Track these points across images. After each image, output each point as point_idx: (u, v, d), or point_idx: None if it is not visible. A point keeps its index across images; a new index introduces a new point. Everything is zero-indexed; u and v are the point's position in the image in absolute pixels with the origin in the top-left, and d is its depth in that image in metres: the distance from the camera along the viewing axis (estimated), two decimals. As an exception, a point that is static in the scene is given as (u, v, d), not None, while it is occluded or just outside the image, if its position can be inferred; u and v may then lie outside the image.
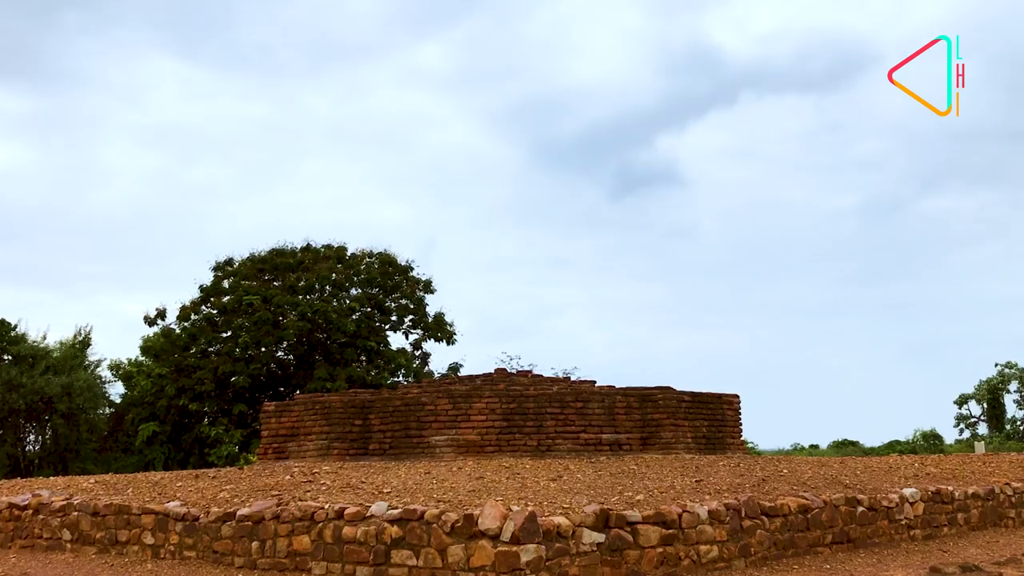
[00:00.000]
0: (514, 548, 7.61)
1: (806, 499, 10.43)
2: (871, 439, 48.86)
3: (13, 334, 34.41)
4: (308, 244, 36.08)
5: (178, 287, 79.70)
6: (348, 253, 36.25)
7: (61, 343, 36.54)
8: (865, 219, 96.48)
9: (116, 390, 37.14)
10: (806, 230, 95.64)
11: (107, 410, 36.38)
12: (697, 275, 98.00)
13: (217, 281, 35.04)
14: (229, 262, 35.60)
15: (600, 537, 8.23)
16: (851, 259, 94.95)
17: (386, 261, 36.19)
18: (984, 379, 49.95)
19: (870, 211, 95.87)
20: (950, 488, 12.58)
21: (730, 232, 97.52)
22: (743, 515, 9.61)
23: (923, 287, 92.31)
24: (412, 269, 36.72)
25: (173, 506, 10.73)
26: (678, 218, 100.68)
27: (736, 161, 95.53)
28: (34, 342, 35.26)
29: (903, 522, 11.50)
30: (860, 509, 10.96)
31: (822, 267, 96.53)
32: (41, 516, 12.00)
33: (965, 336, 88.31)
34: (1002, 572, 8.71)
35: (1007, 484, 13.79)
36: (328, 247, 36.09)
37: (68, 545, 11.54)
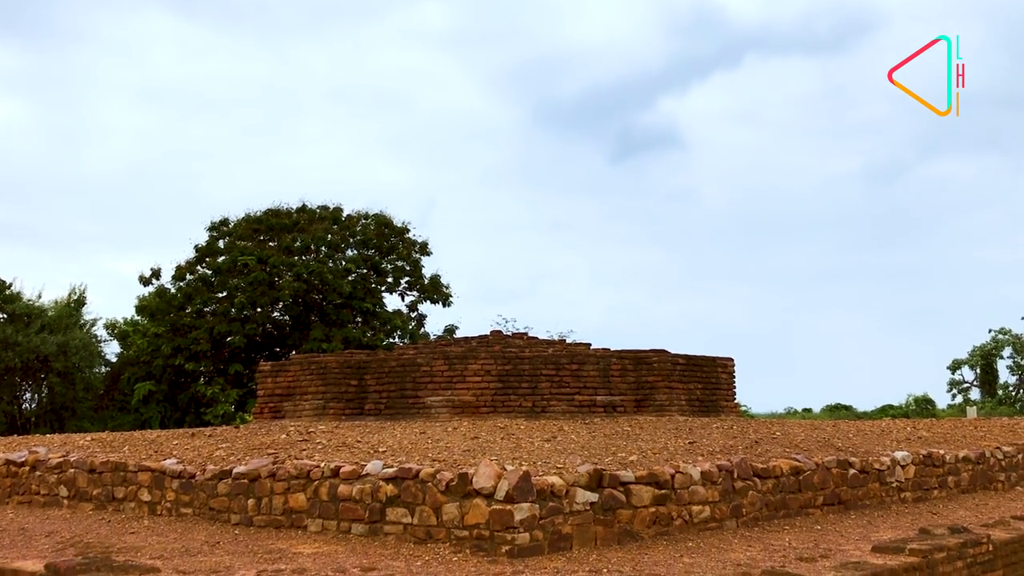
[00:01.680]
0: (508, 507, 7.67)
1: (798, 461, 10.52)
2: (864, 404, 49.19)
3: (8, 292, 34.40)
4: (304, 205, 35.99)
5: (173, 247, 79.60)
6: (344, 214, 36.17)
7: (56, 302, 36.57)
8: (866, 185, 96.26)
9: (112, 349, 37.28)
10: (806, 195, 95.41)
11: (103, 369, 36.49)
12: (696, 240, 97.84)
13: (212, 241, 34.99)
14: (224, 222, 35.51)
15: (593, 497, 8.29)
16: (851, 225, 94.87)
17: (382, 222, 36.12)
18: (978, 345, 50.22)
19: (871, 177, 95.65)
20: (941, 452, 12.68)
21: (730, 197, 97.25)
22: (735, 476, 9.68)
23: (921, 253, 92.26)
24: (408, 231, 36.69)
25: (169, 464, 10.79)
26: (678, 182, 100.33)
27: (738, 124, 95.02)
28: (29, 301, 35.26)
29: (894, 485, 11.61)
30: (852, 472, 11.06)
31: (821, 233, 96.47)
32: (38, 473, 12.07)
33: (961, 302, 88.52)
34: (990, 534, 8.81)
35: (997, 448, 13.91)
36: (324, 208, 36.00)
37: (65, 501, 11.61)
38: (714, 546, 8.38)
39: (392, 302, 36.97)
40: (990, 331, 50.41)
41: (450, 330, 35.70)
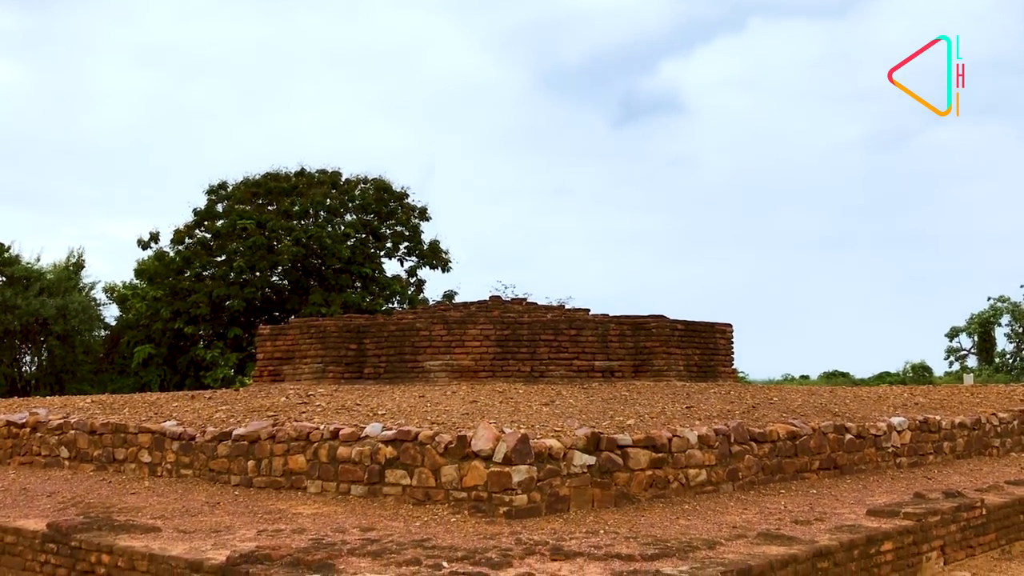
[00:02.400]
0: (506, 469, 7.72)
1: (795, 426, 10.58)
2: (862, 371, 49.33)
3: (6, 255, 34.37)
4: (302, 168, 35.86)
5: (172, 210, 79.05)
6: (343, 178, 36.05)
7: (55, 265, 36.55)
8: (868, 151, 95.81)
9: (111, 313, 37.32)
10: (808, 162, 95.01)
11: (102, 332, 36.55)
12: (697, 206, 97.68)
13: (211, 204, 34.90)
14: (223, 185, 35.40)
15: (591, 459, 8.35)
16: (852, 192, 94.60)
17: (381, 187, 36.01)
18: (976, 313, 50.28)
19: (873, 143, 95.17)
20: (937, 418, 12.75)
21: (732, 162, 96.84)
22: (732, 440, 9.75)
23: (922, 220, 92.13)
24: (407, 195, 36.59)
25: (169, 425, 10.85)
26: (680, 147, 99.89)
27: (741, 90, 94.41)
28: (28, 264, 35.24)
29: (890, 450, 11.69)
30: (848, 437, 11.12)
31: (822, 200, 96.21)
32: (39, 434, 12.14)
33: (960, 270, 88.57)
34: (984, 498, 8.88)
35: (993, 414, 13.99)
36: (322, 172, 35.87)
37: (66, 462, 11.69)
38: (710, 509, 8.45)
39: (391, 267, 36.99)
40: (989, 299, 50.49)
41: (449, 296, 35.72)
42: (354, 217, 35.62)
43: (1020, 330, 49.47)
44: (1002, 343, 50.29)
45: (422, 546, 6.53)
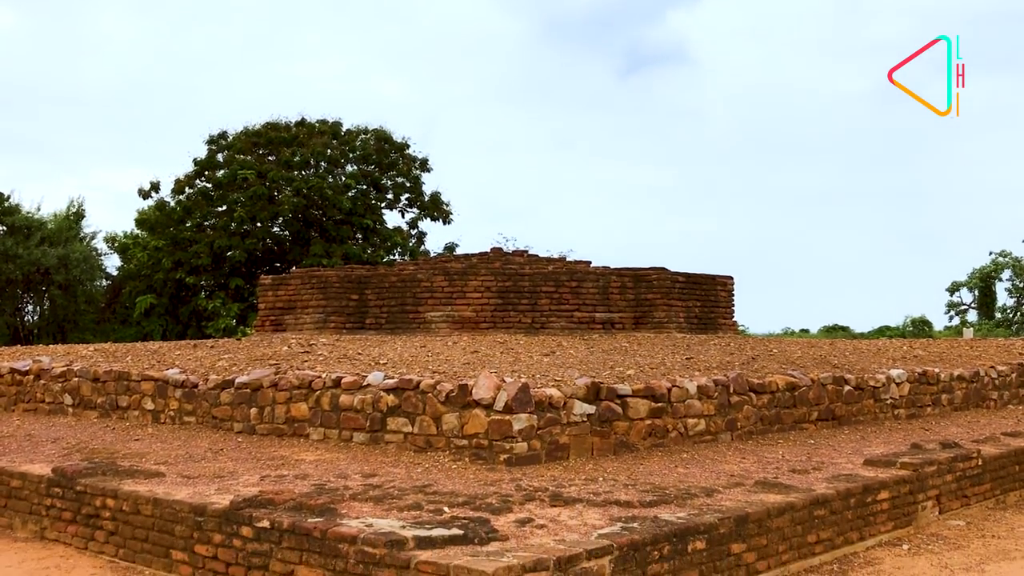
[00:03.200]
0: (507, 417, 7.79)
1: (794, 377, 10.64)
2: (861, 326, 49.43)
3: (7, 205, 34.29)
4: (303, 119, 35.62)
5: (172, 160, 78.79)
6: (343, 129, 35.82)
7: (55, 215, 36.47)
8: (875, 105, 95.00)
9: (112, 263, 37.32)
10: (814, 115, 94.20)
11: (104, 282, 36.59)
12: (701, 159, 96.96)
13: (211, 154, 34.73)
14: (223, 135, 35.20)
15: (591, 409, 8.42)
16: (857, 145, 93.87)
17: (382, 138, 35.80)
18: (977, 267, 50.22)
19: (881, 97, 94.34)
20: (936, 370, 12.81)
21: (737, 115, 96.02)
22: (731, 391, 9.81)
23: (928, 175, 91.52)
24: (408, 146, 36.38)
25: (172, 373, 10.91)
26: (685, 99, 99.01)
27: (748, 41, 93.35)
28: (28, 213, 35.18)
29: (888, 402, 11.76)
30: (847, 388, 11.19)
31: (827, 153, 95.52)
32: (42, 381, 12.22)
33: (964, 225, 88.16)
34: (980, 449, 8.95)
35: (992, 367, 14.05)
36: (323, 122, 35.64)
37: (70, 409, 11.78)
38: (708, 458, 8.53)
39: (392, 219, 36.91)
40: (990, 253, 50.35)
41: (450, 248, 35.69)
42: (355, 168, 35.46)
43: (1021, 285, 49.45)
44: (1003, 298, 50.29)
45: (423, 492, 6.60)
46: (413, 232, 36.97)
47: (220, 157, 34.58)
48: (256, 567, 5.66)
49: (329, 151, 34.73)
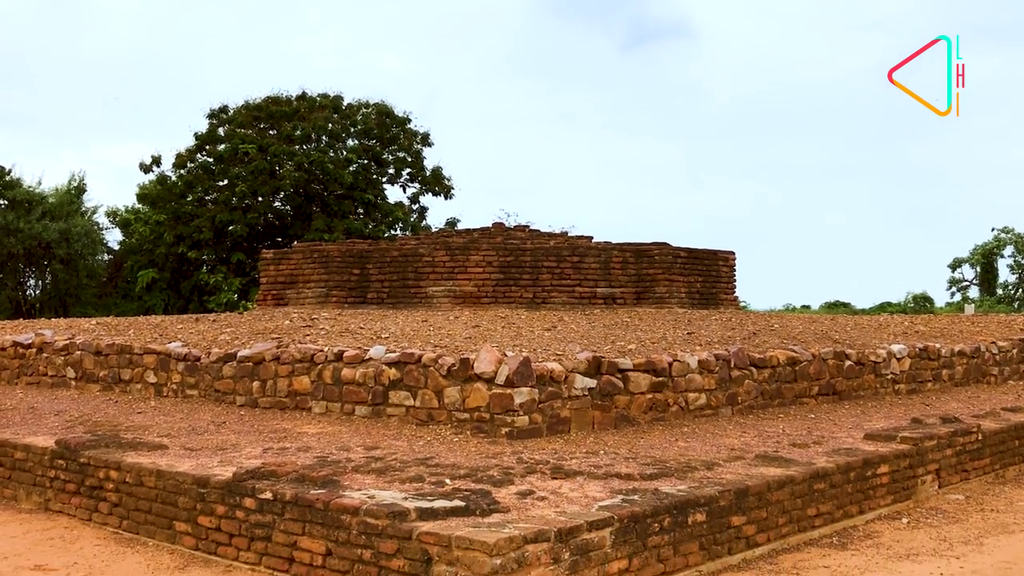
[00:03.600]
0: (508, 391, 7.81)
1: (795, 352, 10.65)
2: (863, 302, 49.39)
3: (8, 179, 34.23)
4: (304, 93, 35.48)
5: (173, 134, 78.52)
6: (344, 103, 35.69)
7: (56, 189, 36.41)
8: (879, 80, 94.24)
9: (114, 237, 37.30)
10: (818, 90, 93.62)
11: (105, 256, 36.59)
12: (704, 134, 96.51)
13: (212, 129, 34.63)
14: (224, 109, 35.09)
15: (592, 383, 8.44)
16: (860, 122, 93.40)
17: (383, 112, 35.68)
18: (980, 244, 50.18)
19: (884, 72, 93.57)
20: (937, 345, 12.82)
21: (740, 90, 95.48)
22: (732, 365, 9.83)
23: (930, 151, 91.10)
24: (410, 121, 36.27)
25: (175, 347, 10.93)
26: (688, 74, 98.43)
27: (751, 15, 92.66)
28: (29, 187, 35.12)
29: (889, 377, 11.78)
30: (848, 363, 11.20)
31: (830, 129, 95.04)
32: (45, 355, 12.25)
33: (967, 201, 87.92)
34: (980, 424, 8.98)
35: (993, 343, 14.06)
36: (324, 96, 35.50)
37: (72, 382, 11.82)
38: (709, 432, 8.56)
39: (393, 194, 36.84)
40: (992, 229, 50.30)
41: (452, 223, 35.65)
42: (356, 142, 35.37)
43: (1023, 261, 49.43)
44: (1004, 274, 50.31)
45: (425, 464, 6.64)
46: (414, 207, 36.94)
47: (221, 131, 34.48)
48: (259, 538, 5.70)
49: (330, 125, 34.62)
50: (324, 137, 34.56)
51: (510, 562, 4.59)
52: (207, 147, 34.28)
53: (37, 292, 35.37)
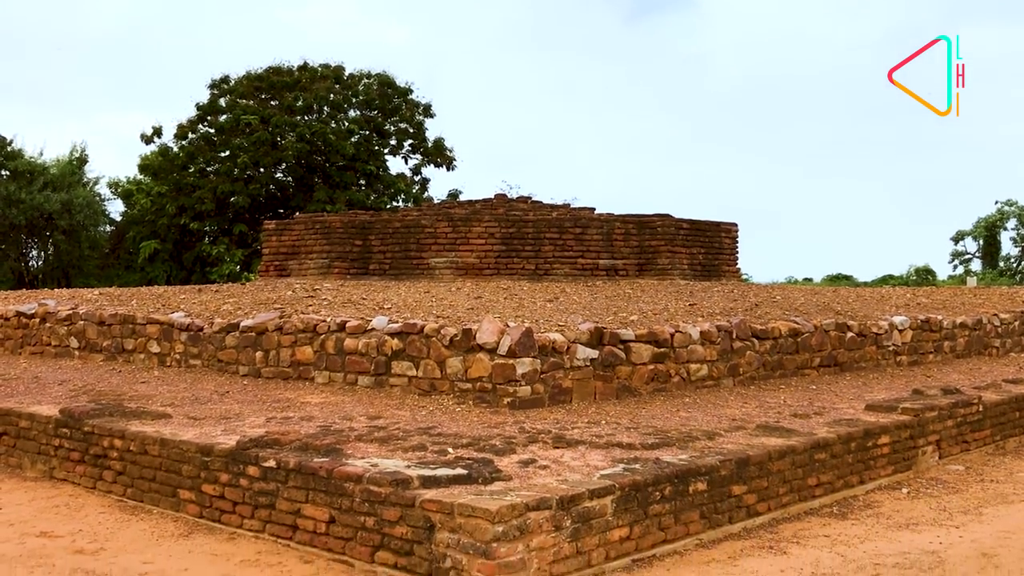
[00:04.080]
0: (510, 361, 7.83)
1: (797, 323, 10.66)
2: (865, 275, 49.37)
3: (9, 149, 34.15)
4: (305, 63, 35.32)
5: (175, 105, 78.26)
6: (346, 73, 35.52)
7: (58, 160, 36.35)
8: (885, 52, 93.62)
9: (116, 208, 37.31)
10: (822, 63, 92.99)
11: (107, 227, 36.60)
12: (707, 106, 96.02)
13: (214, 99, 34.50)
14: (225, 79, 34.94)
15: (594, 353, 8.45)
16: (864, 94, 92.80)
17: (385, 83, 35.52)
18: (983, 217, 50.03)
19: (891, 44, 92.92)
20: (939, 317, 12.83)
21: (744, 62, 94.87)
22: (734, 337, 9.84)
23: (934, 124, 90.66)
24: (411, 92, 36.12)
25: (177, 317, 10.95)
26: (693, 46, 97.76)
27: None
28: (31, 158, 35.07)
29: (890, 348, 11.79)
30: (849, 335, 11.21)
31: (834, 102, 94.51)
32: (48, 325, 12.27)
33: (970, 174, 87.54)
34: (981, 395, 9.00)
35: (995, 315, 14.07)
36: (325, 66, 35.33)
37: (76, 352, 11.85)
38: (710, 402, 8.58)
39: (395, 165, 36.79)
40: (996, 203, 50.14)
41: (454, 195, 35.58)
42: (358, 113, 35.25)
43: (1026, 234, 49.33)
44: (1007, 247, 50.21)
45: (428, 433, 6.67)
46: (416, 179, 36.88)
47: (222, 102, 34.36)
48: (263, 506, 5.74)
49: (332, 96, 34.49)
50: (325, 108, 34.44)
51: (512, 529, 4.62)
52: (208, 118, 34.17)
53: (39, 263, 35.42)
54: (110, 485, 6.91)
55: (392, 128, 35.92)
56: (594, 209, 17.39)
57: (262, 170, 33.25)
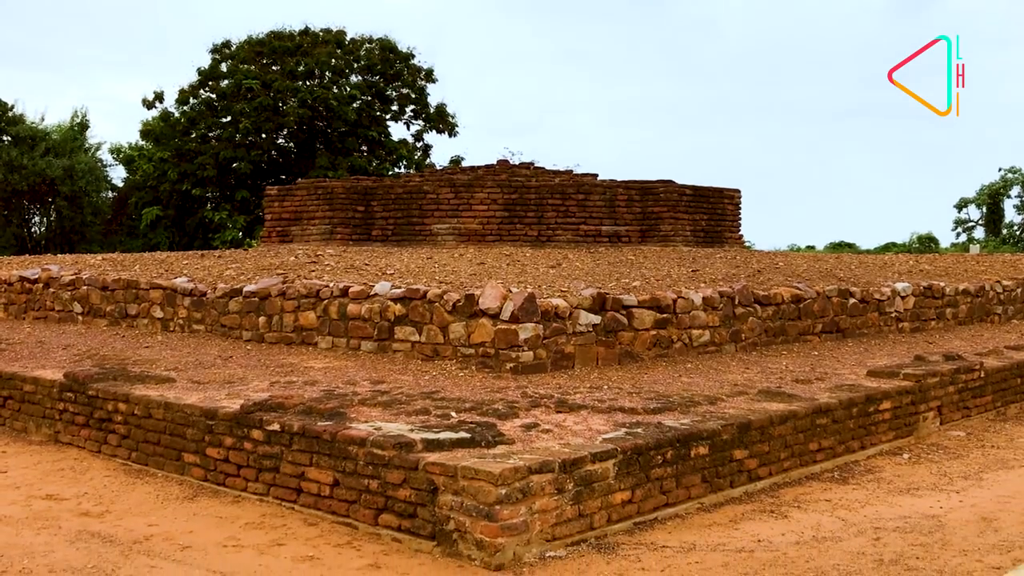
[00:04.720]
0: (513, 326, 7.83)
1: (799, 289, 10.65)
2: (868, 242, 49.27)
3: (11, 115, 34.02)
4: (307, 27, 35.07)
5: (176, 70, 77.83)
6: (347, 38, 35.27)
7: (59, 125, 36.22)
8: (891, 17, 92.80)
9: (118, 174, 37.21)
10: (830, 29, 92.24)
11: (110, 194, 36.54)
12: (712, 72, 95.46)
13: (215, 64, 34.29)
14: (227, 44, 34.72)
15: (596, 319, 8.46)
16: (870, 61, 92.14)
17: (387, 47, 35.27)
18: (986, 184, 49.84)
19: (897, 8, 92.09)
20: (941, 284, 12.81)
21: (751, 28, 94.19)
22: (736, 303, 9.84)
23: (939, 90, 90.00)
24: (413, 56, 35.87)
25: (181, 282, 10.96)
26: (699, 11, 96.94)
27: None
28: (32, 123, 34.94)
29: (893, 315, 11.80)
30: (852, 301, 11.21)
31: (841, 68, 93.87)
32: (52, 290, 12.29)
33: (974, 141, 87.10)
34: (983, 361, 9.02)
35: (997, 282, 14.05)
36: (327, 31, 35.08)
37: (79, 317, 11.88)
38: (712, 368, 8.60)
39: (397, 131, 36.66)
40: (999, 170, 49.95)
41: (456, 161, 35.45)
42: (359, 78, 35.04)
43: (1030, 201, 49.16)
44: (1010, 214, 50.07)
45: (431, 398, 6.69)
46: (418, 145, 36.74)
47: (224, 67, 34.17)
48: (267, 469, 5.78)
49: (333, 61, 34.27)
50: (327, 73, 34.23)
51: (515, 492, 4.65)
52: (210, 83, 33.99)
53: (42, 229, 35.41)
54: (115, 449, 6.95)
55: (394, 94, 35.73)
56: (597, 175, 17.34)
57: (264, 136, 33.13)
